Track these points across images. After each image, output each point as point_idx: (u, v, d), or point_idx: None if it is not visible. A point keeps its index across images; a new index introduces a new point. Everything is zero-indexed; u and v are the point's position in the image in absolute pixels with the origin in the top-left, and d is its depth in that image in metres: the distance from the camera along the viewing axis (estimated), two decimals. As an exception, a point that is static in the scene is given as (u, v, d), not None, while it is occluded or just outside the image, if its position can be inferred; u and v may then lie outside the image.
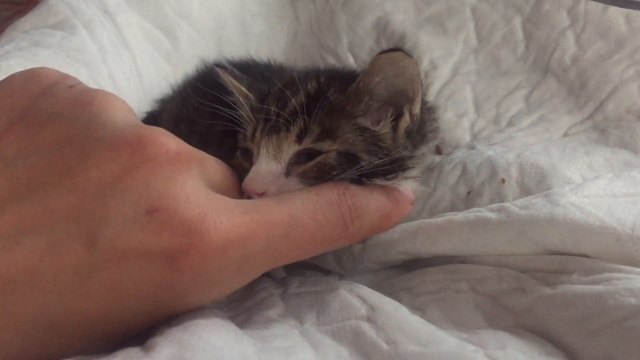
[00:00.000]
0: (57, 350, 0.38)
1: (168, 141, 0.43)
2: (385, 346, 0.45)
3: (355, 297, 0.53)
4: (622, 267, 0.49)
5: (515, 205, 0.57)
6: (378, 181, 0.56)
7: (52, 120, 0.42)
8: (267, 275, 0.65)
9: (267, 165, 0.55)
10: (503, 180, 0.70)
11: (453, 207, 0.72)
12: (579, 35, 0.92)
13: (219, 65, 0.67)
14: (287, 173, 0.55)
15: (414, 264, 0.64)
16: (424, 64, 0.99)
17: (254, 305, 0.55)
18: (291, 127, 0.55)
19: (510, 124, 0.88)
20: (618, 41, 0.89)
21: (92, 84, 0.78)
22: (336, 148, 0.55)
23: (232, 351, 0.39)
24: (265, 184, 0.54)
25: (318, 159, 0.55)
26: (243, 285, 0.45)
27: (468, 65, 0.99)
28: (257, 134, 0.57)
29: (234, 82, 0.63)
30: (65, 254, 0.37)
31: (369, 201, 0.53)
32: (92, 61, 0.83)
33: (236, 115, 0.61)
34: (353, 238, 0.52)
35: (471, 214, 0.59)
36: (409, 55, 0.54)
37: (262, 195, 0.53)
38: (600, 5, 0.92)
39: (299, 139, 0.55)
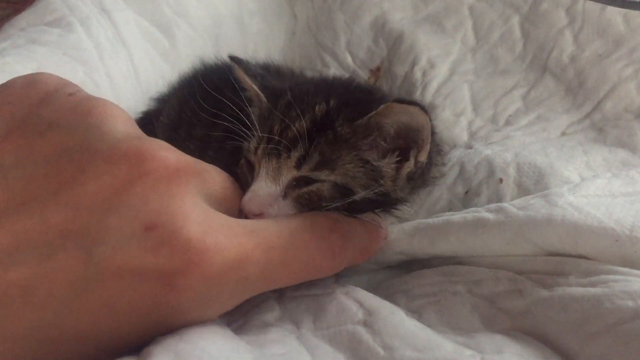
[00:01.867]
0: None
1: (167, 155, 0.42)
2: (381, 352, 0.45)
3: (352, 301, 0.53)
4: (620, 268, 0.49)
5: (513, 206, 0.57)
6: (364, 215, 0.57)
7: (51, 129, 0.41)
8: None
9: (266, 186, 0.55)
10: (501, 180, 0.70)
11: (451, 207, 0.72)
12: (577, 34, 0.92)
13: (233, 58, 0.65)
14: (285, 196, 0.55)
15: (411, 265, 0.64)
16: (422, 63, 0.99)
17: (250, 309, 0.55)
18: (292, 153, 0.55)
19: (508, 123, 0.88)
20: (616, 40, 0.89)
21: (88, 82, 0.78)
22: (333, 179, 0.55)
23: None
24: (263, 206, 0.54)
25: (312, 187, 0.55)
26: (237, 304, 0.45)
27: (466, 64, 0.99)
28: (259, 152, 0.57)
29: (246, 79, 0.62)
30: (60, 269, 0.36)
31: (353, 235, 0.54)
32: (89, 59, 0.83)
33: (239, 124, 0.60)
34: (336, 269, 0.52)
35: (469, 214, 0.59)
36: (424, 111, 0.54)
37: (259, 216, 0.53)
38: (599, 5, 0.92)
39: (298, 165, 0.55)
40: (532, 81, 0.92)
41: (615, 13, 0.91)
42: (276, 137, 0.55)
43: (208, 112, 0.66)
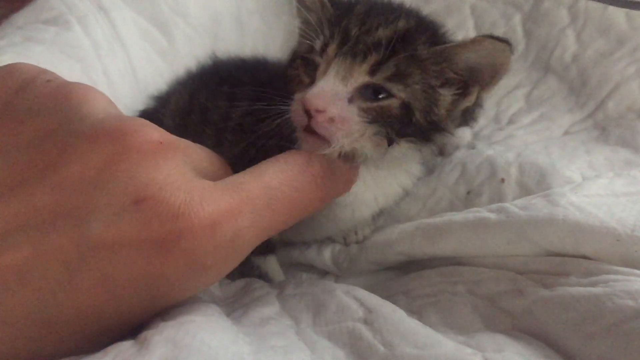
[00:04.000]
0: (50, 348, 0.38)
1: (150, 131, 0.42)
2: (381, 348, 0.45)
3: (352, 299, 0.53)
4: (621, 268, 0.49)
5: (514, 206, 0.56)
6: (404, 141, 0.56)
7: (31, 115, 0.42)
8: (265, 279, 0.64)
9: (334, 85, 0.53)
10: (502, 180, 0.69)
11: (452, 207, 0.71)
12: (579, 33, 0.92)
13: None
14: (350, 100, 0.54)
15: (411, 266, 0.64)
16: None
17: (250, 302, 0.55)
18: (368, 57, 0.54)
19: (510, 122, 0.87)
20: (619, 39, 0.88)
21: (85, 80, 0.77)
22: (403, 97, 0.54)
23: (227, 352, 0.38)
24: (327, 103, 0.52)
25: (383, 102, 0.54)
26: (235, 265, 0.45)
27: (467, 64, 0.98)
28: (330, 50, 0.55)
29: None
30: (53, 250, 0.36)
31: (333, 165, 0.53)
32: (86, 57, 0.82)
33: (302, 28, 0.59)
34: (324, 199, 0.52)
35: (470, 214, 0.58)
36: (511, 50, 0.53)
37: (321, 113, 0.52)
38: (601, 3, 0.92)
39: (373, 71, 0.54)
40: (534, 80, 0.92)
41: (617, 12, 0.90)
42: (356, 33, 0.55)
43: (225, 96, 0.66)
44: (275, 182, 0.47)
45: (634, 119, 0.80)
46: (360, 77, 0.54)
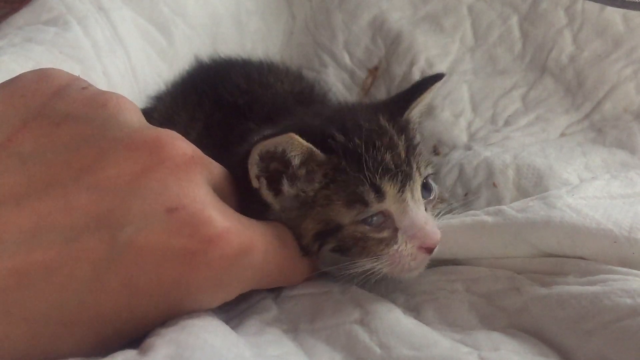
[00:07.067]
0: (67, 349, 0.38)
1: (184, 144, 0.44)
2: (378, 350, 0.45)
3: (349, 300, 0.53)
4: (619, 268, 0.49)
5: (512, 208, 0.56)
6: None
7: (67, 119, 0.43)
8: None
9: (423, 211, 0.56)
10: (494, 184, 0.70)
11: (450, 209, 0.72)
12: (576, 34, 0.92)
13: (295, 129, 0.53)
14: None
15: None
16: (421, 63, 0.99)
17: (247, 308, 0.55)
18: (414, 166, 0.55)
19: (507, 123, 0.88)
20: (615, 40, 0.89)
21: (86, 81, 0.78)
22: (432, 171, 0.58)
23: (230, 352, 0.39)
24: (437, 230, 0.55)
25: (433, 190, 0.58)
26: (237, 295, 0.47)
27: (465, 64, 0.98)
28: (390, 190, 0.53)
29: (311, 148, 0.53)
30: (83, 249, 0.37)
31: None
32: (85, 57, 0.82)
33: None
34: (308, 272, 0.56)
35: (468, 217, 0.58)
36: None
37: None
38: (598, 4, 0.92)
39: (420, 172, 0.56)
40: (531, 81, 0.92)
41: (614, 13, 0.91)
42: (402, 158, 0.55)
43: (188, 110, 0.67)
44: (283, 240, 0.51)
45: (631, 121, 0.80)
46: (419, 184, 0.56)
